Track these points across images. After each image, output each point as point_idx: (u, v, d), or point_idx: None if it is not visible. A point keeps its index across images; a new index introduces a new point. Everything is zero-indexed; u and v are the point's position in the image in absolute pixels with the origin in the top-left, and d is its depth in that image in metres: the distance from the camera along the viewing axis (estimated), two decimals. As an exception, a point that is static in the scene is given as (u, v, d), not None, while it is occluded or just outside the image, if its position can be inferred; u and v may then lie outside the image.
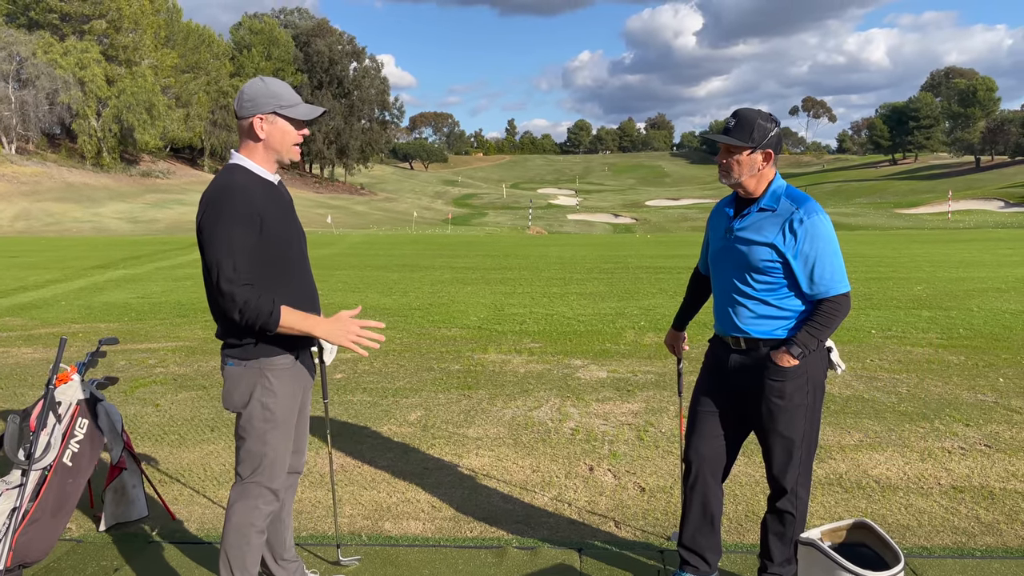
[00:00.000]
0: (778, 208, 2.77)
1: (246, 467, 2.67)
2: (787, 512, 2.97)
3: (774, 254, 2.74)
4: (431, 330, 9.49)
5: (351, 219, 59.32)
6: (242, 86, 2.66)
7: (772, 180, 2.82)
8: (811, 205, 2.75)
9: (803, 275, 2.74)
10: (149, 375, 7.12)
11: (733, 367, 2.91)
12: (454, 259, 21.13)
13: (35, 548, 3.19)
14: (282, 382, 2.62)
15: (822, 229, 2.71)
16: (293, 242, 2.66)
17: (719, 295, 2.97)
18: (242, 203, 2.46)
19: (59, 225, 44.62)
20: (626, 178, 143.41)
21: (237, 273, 2.42)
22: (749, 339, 2.85)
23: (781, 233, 2.73)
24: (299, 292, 2.67)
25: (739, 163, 2.76)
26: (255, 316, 2.42)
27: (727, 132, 2.77)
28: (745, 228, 2.81)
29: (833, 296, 2.74)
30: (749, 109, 2.79)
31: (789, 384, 2.79)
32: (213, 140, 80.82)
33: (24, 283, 15.24)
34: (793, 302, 2.81)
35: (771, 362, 2.80)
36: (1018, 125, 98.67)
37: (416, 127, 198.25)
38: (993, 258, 18.77)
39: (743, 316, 2.85)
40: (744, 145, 2.73)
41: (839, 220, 55.36)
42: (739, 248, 2.82)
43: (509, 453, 4.85)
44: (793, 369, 2.78)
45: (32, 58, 65.67)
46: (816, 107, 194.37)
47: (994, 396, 6.02)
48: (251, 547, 2.68)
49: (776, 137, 2.77)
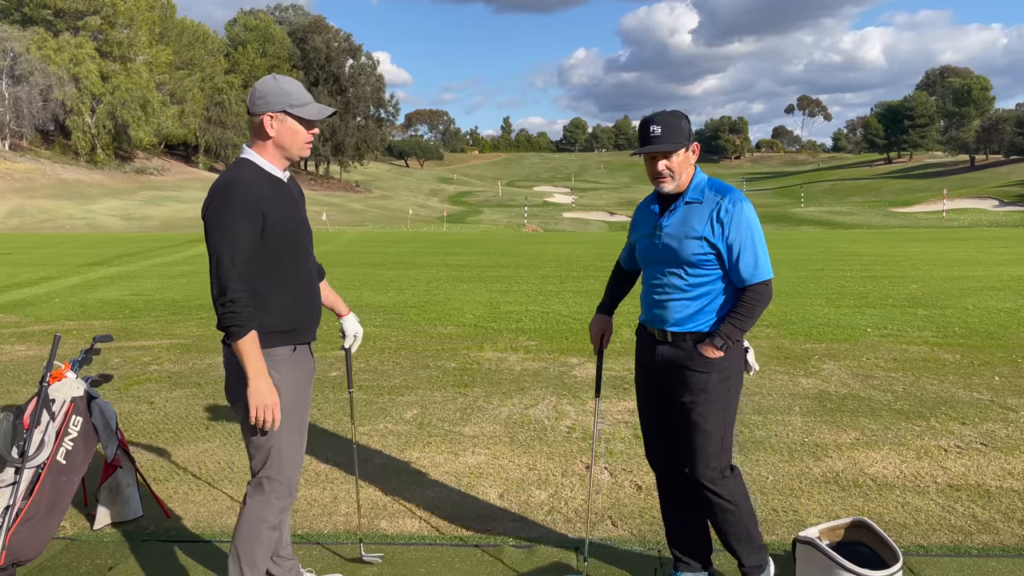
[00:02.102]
0: (703, 199, 2.81)
1: (256, 462, 2.67)
2: (714, 496, 2.89)
3: (706, 246, 2.77)
4: (427, 328, 9.47)
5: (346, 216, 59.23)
6: (255, 83, 2.69)
7: (694, 174, 2.87)
8: (735, 194, 2.81)
9: (733, 264, 2.78)
10: (143, 372, 7.09)
11: (660, 360, 2.92)
12: (450, 257, 21.11)
13: (29, 546, 3.17)
14: (284, 372, 2.62)
15: (746, 217, 2.77)
16: (298, 239, 2.67)
17: (649, 290, 2.97)
18: (246, 196, 2.48)
19: (53, 222, 44.46)
20: (621, 176, 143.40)
21: (235, 266, 2.45)
22: (676, 333, 2.87)
23: (709, 224, 2.77)
24: (300, 288, 2.68)
25: (678, 165, 2.79)
26: (232, 316, 2.44)
27: (654, 142, 2.75)
28: (673, 223, 2.83)
29: (755, 284, 2.78)
30: (663, 114, 2.79)
31: (713, 376, 2.81)
32: (208, 137, 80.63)
33: (18, 280, 15.18)
34: (720, 295, 2.84)
35: (697, 354, 2.82)
36: (1013, 124, 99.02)
37: (411, 124, 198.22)
38: (988, 257, 18.83)
39: (672, 310, 2.86)
40: (681, 145, 2.76)
41: (834, 218, 55.48)
42: (670, 244, 2.83)
43: (505, 451, 4.84)
44: (717, 361, 2.80)
45: (26, 54, 65.41)
46: (811, 105, 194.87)
47: (990, 394, 6.03)
48: (262, 543, 2.67)
49: (690, 127, 2.83)
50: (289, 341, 2.65)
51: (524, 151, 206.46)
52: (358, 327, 3.18)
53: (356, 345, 3.18)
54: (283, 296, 2.61)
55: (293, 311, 2.64)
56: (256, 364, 2.49)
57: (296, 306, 2.65)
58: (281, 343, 2.62)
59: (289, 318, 2.63)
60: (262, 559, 2.68)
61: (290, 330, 2.64)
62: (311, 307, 2.73)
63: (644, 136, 2.80)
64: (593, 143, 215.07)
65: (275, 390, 2.53)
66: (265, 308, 2.56)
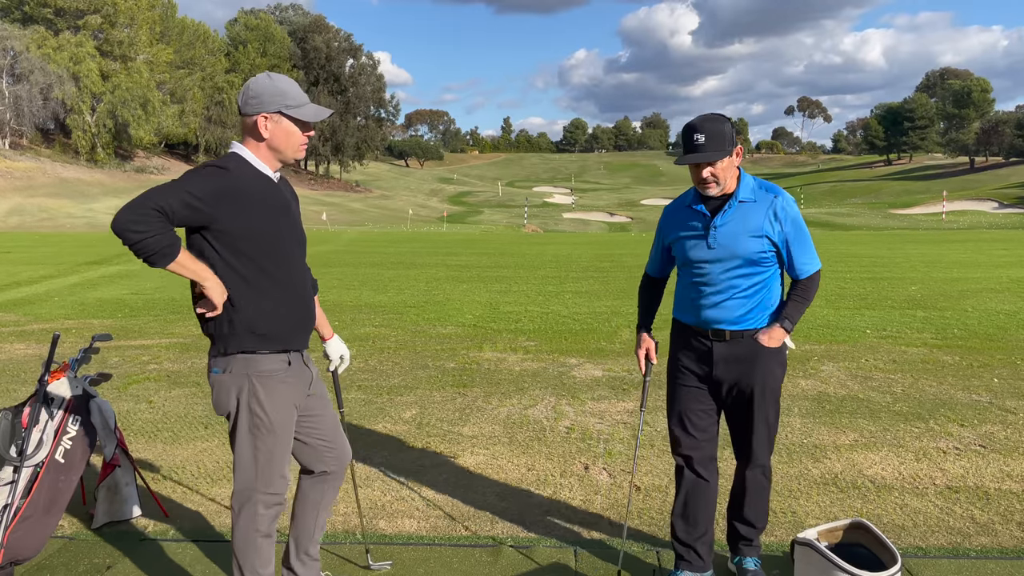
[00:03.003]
0: (757, 199, 2.88)
1: (239, 474, 2.60)
2: (764, 479, 3.14)
3: (767, 243, 2.86)
4: (426, 328, 9.47)
5: (346, 216, 59.24)
6: (247, 81, 2.56)
7: (740, 175, 2.92)
8: (784, 192, 2.92)
9: (792, 256, 2.91)
10: (143, 372, 7.08)
11: (718, 358, 2.97)
12: (449, 257, 21.11)
13: (27, 545, 3.17)
14: (271, 388, 2.54)
15: (797, 212, 2.93)
16: (279, 241, 2.55)
17: (694, 291, 2.99)
18: (211, 181, 2.39)
19: (53, 221, 44.45)
20: (621, 177, 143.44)
21: (165, 213, 2.31)
22: (735, 331, 2.93)
23: (768, 221, 2.85)
24: (282, 292, 2.57)
25: (723, 171, 2.82)
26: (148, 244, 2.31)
27: (699, 150, 2.77)
28: (729, 222, 2.87)
29: (812, 274, 2.95)
30: (706, 120, 2.81)
31: (776, 369, 2.96)
32: (208, 136, 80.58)
33: (17, 279, 15.17)
34: (772, 292, 2.96)
35: (761, 349, 2.91)
36: (1012, 126, 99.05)
37: (412, 124, 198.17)
38: (987, 259, 18.84)
39: (730, 309, 2.91)
40: (725, 154, 2.78)
41: (834, 220, 55.48)
42: (727, 243, 2.87)
43: (504, 451, 4.83)
44: (778, 353, 2.94)
45: (26, 53, 65.39)
46: (811, 107, 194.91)
47: (989, 396, 6.02)
48: (259, 550, 2.64)
49: (734, 131, 2.88)
50: (268, 346, 2.54)
51: (524, 151, 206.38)
52: (343, 349, 3.06)
53: (343, 367, 3.08)
54: (262, 300, 2.50)
55: (271, 315, 2.54)
56: (196, 271, 2.41)
57: (275, 310, 2.54)
58: (260, 348, 2.53)
59: (268, 322, 2.53)
60: (263, 564, 2.66)
61: (267, 334, 2.53)
62: (294, 312, 2.61)
63: (688, 143, 2.81)
64: (593, 144, 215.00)
65: (223, 289, 2.45)
66: (243, 309, 2.48)
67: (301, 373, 2.68)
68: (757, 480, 3.12)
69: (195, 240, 2.49)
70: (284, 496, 2.69)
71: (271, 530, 2.67)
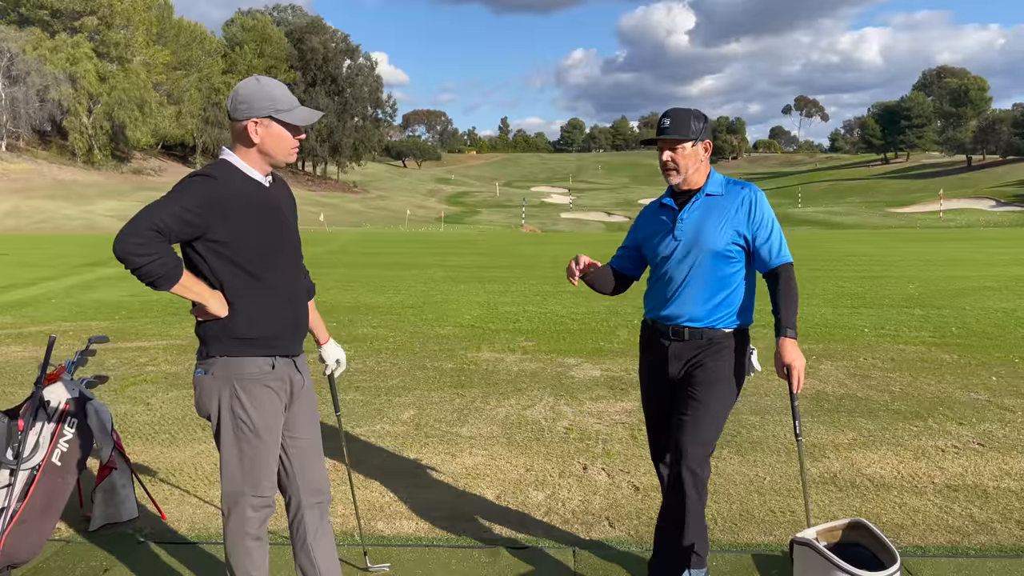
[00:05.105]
0: (725, 192, 2.91)
1: (226, 477, 2.58)
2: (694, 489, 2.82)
3: (734, 235, 2.85)
4: (424, 328, 9.46)
5: (344, 217, 59.21)
6: (236, 85, 2.54)
7: (710, 172, 2.96)
8: (753, 185, 2.94)
9: (762, 248, 2.86)
10: (140, 373, 7.07)
11: (672, 356, 2.94)
12: (447, 257, 21.11)
13: (23, 548, 3.16)
14: (254, 392, 2.51)
15: (767, 204, 2.91)
16: (271, 245, 2.53)
17: (662, 287, 2.96)
18: (200, 192, 2.38)
19: (50, 222, 44.40)
20: (619, 176, 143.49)
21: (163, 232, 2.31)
22: (693, 328, 2.90)
23: (737, 213, 2.86)
24: (272, 297, 2.54)
25: (684, 159, 2.85)
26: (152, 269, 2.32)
27: (663, 133, 2.87)
28: (695, 215, 2.89)
29: (779, 267, 2.87)
30: (678, 109, 2.92)
31: (725, 365, 2.89)
32: (205, 137, 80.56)
33: (14, 281, 15.14)
34: (741, 293, 2.92)
35: (712, 345, 2.88)
36: (1009, 124, 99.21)
37: (409, 125, 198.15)
38: (984, 257, 18.86)
39: (691, 304, 2.88)
40: (686, 138, 2.84)
41: (831, 219, 55.54)
42: (692, 236, 2.87)
43: (502, 452, 4.83)
44: (730, 353, 2.89)
45: (22, 54, 65.31)
46: (808, 106, 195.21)
47: (987, 395, 6.03)
48: (250, 555, 2.62)
49: (709, 129, 2.91)
50: (256, 351, 2.51)
51: (522, 151, 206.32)
52: (340, 353, 3.02)
53: (340, 371, 3.03)
54: (248, 305, 2.47)
55: (256, 320, 2.49)
56: (200, 292, 2.42)
57: (260, 315, 2.50)
58: (244, 352, 2.49)
59: (253, 327, 2.49)
60: (256, 567, 2.64)
61: (252, 338, 2.49)
62: (281, 317, 2.57)
63: (657, 128, 2.92)
64: (591, 143, 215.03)
65: (225, 305, 2.45)
66: (229, 314, 2.46)
67: (288, 377, 2.63)
68: (680, 481, 2.80)
69: (186, 252, 2.48)
70: (273, 499, 2.65)
71: (261, 533, 2.65)
